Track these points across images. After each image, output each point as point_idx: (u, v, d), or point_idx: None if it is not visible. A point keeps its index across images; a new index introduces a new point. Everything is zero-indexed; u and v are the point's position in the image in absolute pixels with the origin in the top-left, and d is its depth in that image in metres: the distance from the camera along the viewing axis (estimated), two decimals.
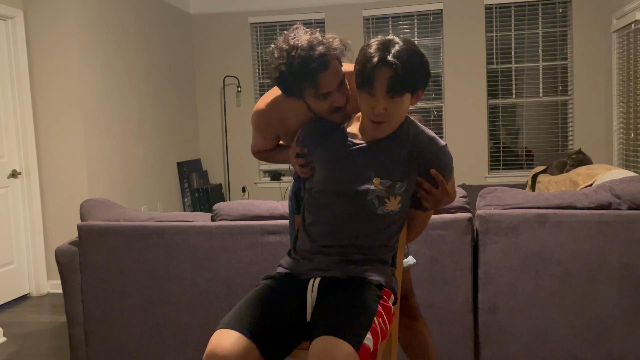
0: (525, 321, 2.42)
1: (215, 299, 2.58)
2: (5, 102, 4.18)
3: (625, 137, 5.10)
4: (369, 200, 1.61)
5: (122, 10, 4.97)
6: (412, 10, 6.00)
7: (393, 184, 1.62)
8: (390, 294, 1.66)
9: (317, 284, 1.61)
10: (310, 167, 1.73)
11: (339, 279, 1.62)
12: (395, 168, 1.62)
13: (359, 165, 1.63)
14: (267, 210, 2.59)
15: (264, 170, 6.56)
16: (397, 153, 1.63)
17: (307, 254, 1.69)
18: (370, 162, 1.63)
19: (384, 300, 1.60)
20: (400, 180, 1.62)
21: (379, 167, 1.62)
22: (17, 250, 4.27)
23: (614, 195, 2.40)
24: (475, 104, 5.93)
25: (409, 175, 1.64)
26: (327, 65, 1.59)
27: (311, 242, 1.69)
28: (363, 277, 1.63)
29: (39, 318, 3.82)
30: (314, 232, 1.69)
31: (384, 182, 1.61)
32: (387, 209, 1.63)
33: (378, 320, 1.52)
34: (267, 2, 6.23)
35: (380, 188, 1.61)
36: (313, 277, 1.63)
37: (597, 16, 5.60)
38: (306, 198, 1.75)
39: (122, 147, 4.91)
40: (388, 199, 1.62)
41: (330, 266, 1.64)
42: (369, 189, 1.61)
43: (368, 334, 1.44)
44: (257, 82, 6.49)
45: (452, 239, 2.42)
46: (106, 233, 2.65)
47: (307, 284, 1.63)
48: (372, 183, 1.61)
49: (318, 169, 1.70)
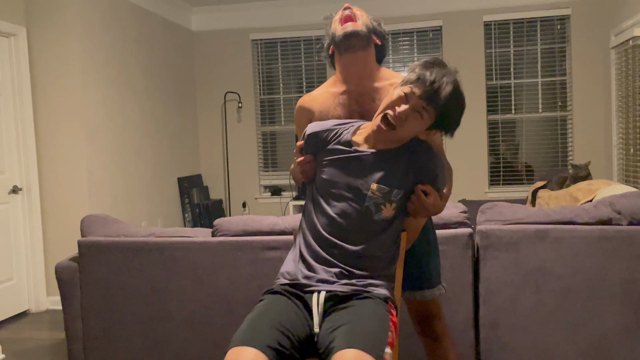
0: (527, 337, 2.41)
1: (215, 314, 2.57)
2: (7, 118, 4.20)
3: (624, 153, 5.11)
4: (366, 206, 1.65)
5: (124, 28, 5.02)
6: (412, 27, 6.05)
7: (390, 191, 1.65)
8: (394, 308, 1.67)
9: (322, 298, 1.60)
10: (313, 167, 1.77)
11: (344, 293, 1.62)
12: (394, 176, 1.66)
13: (359, 172, 1.67)
14: (267, 226, 2.59)
15: (264, 186, 6.56)
16: (397, 161, 1.67)
17: (310, 263, 1.69)
18: (370, 169, 1.67)
19: (392, 315, 1.61)
20: (397, 187, 1.66)
21: (379, 175, 1.66)
22: (16, 266, 4.26)
23: (615, 211, 2.40)
24: (475, 119, 5.96)
25: (405, 183, 1.67)
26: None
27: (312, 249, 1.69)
28: (368, 290, 1.63)
29: (38, 335, 3.80)
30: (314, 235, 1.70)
31: (381, 188, 1.65)
32: (382, 216, 1.66)
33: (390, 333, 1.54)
34: (267, 19, 6.29)
35: (377, 195, 1.65)
36: (317, 291, 1.63)
37: (596, 33, 5.65)
38: (306, 202, 1.79)
39: (123, 163, 4.93)
40: (384, 205, 1.65)
41: (333, 279, 1.64)
42: (367, 195, 1.65)
43: (387, 347, 1.47)
44: (258, 98, 6.52)
45: (453, 254, 2.42)
46: (106, 249, 2.65)
47: (311, 295, 1.62)
48: (370, 189, 1.65)
49: (319, 173, 1.74)
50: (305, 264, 1.70)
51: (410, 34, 6.12)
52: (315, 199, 1.74)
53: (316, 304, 1.60)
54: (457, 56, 5.94)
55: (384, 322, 1.53)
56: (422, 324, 2.01)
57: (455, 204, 2.56)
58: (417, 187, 1.68)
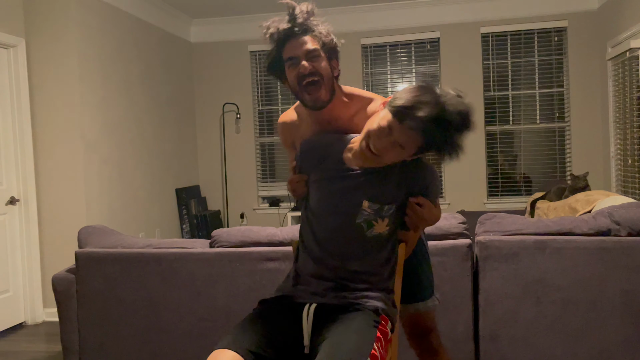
0: (527, 349, 2.39)
1: (213, 326, 2.55)
2: (5, 129, 4.20)
3: (622, 164, 5.12)
4: (358, 224, 1.65)
5: (123, 39, 5.03)
6: (410, 39, 6.08)
7: (381, 207, 1.65)
8: (388, 320, 1.65)
9: (312, 310, 1.61)
10: (304, 186, 1.77)
11: (335, 306, 1.62)
12: (385, 191, 1.66)
13: (349, 190, 1.67)
14: (266, 237, 2.58)
15: (262, 197, 6.55)
16: (388, 177, 1.66)
17: (305, 276, 1.70)
18: (361, 187, 1.66)
19: (382, 326, 1.59)
20: (389, 203, 1.65)
21: (370, 192, 1.65)
22: (13, 277, 4.23)
23: (614, 222, 2.40)
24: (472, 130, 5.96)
25: (397, 197, 1.67)
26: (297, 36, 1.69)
27: (308, 262, 1.70)
28: (359, 303, 1.62)
29: (35, 347, 3.76)
30: (309, 251, 1.71)
31: (372, 205, 1.64)
32: (375, 232, 1.65)
33: (377, 346, 1.51)
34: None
35: (369, 211, 1.65)
36: (309, 302, 1.63)
37: (593, 44, 5.68)
38: (302, 217, 1.79)
39: (121, 174, 4.91)
40: (376, 221, 1.65)
41: (326, 292, 1.64)
42: (358, 213, 1.65)
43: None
44: (257, 109, 6.53)
45: (452, 265, 2.41)
46: (104, 260, 2.63)
47: (302, 307, 1.63)
48: (361, 207, 1.65)
49: (311, 191, 1.74)
50: (300, 277, 1.71)
51: (408, 45, 6.15)
52: (308, 216, 1.75)
53: (306, 316, 1.60)
54: (455, 68, 5.97)
55: (367, 335, 1.52)
56: (418, 338, 1.97)
57: (454, 214, 2.56)
58: (410, 201, 1.67)
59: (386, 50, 6.20)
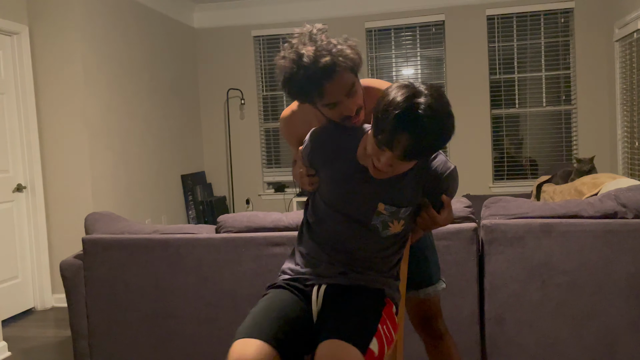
0: (533, 332, 2.40)
1: (220, 311, 2.57)
2: (10, 116, 4.21)
3: (629, 146, 5.08)
4: (373, 225, 1.61)
5: (126, 25, 5.01)
6: (414, 22, 6.02)
7: (398, 209, 1.60)
8: (392, 304, 1.66)
9: (322, 292, 1.62)
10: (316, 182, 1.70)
11: (343, 286, 1.63)
12: (402, 194, 1.60)
13: (364, 193, 1.60)
14: (271, 222, 2.59)
15: (268, 182, 6.56)
16: (406, 180, 1.59)
17: (313, 259, 1.69)
18: (376, 190, 1.59)
19: (387, 308, 1.61)
20: (406, 205, 1.60)
21: (385, 194, 1.59)
22: (21, 264, 4.27)
23: (620, 204, 2.39)
24: (478, 114, 5.93)
25: (415, 199, 1.62)
26: (333, 76, 1.53)
27: (316, 245, 1.69)
28: (366, 285, 1.64)
29: (44, 332, 3.81)
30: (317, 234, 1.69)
31: (388, 207, 1.59)
32: (390, 232, 1.63)
33: (382, 327, 1.53)
34: (270, 15, 6.27)
35: (384, 214, 1.60)
36: (318, 284, 1.64)
37: (599, 26, 5.61)
38: (312, 199, 1.74)
39: (127, 160, 4.93)
40: (392, 222, 1.61)
41: (335, 274, 1.65)
42: (373, 215, 1.60)
43: (374, 339, 1.46)
44: (261, 95, 6.51)
45: (458, 249, 2.41)
46: (111, 246, 2.65)
47: (311, 289, 1.64)
48: (376, 210, 1.60)
49: (324, 186, 1.68)
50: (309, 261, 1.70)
51: (413, 28, 6.10)
52: (320, 209, 1.68)
53: (316, 296, 1.61)
54: (460, 51, 5.92)
55: (372, 314, 1.53)
56: (424, 323, 1.98)
57: (460, 198, 2.55)
58: (428, 205, 1.61)
59: (391, 34, 6.15)
